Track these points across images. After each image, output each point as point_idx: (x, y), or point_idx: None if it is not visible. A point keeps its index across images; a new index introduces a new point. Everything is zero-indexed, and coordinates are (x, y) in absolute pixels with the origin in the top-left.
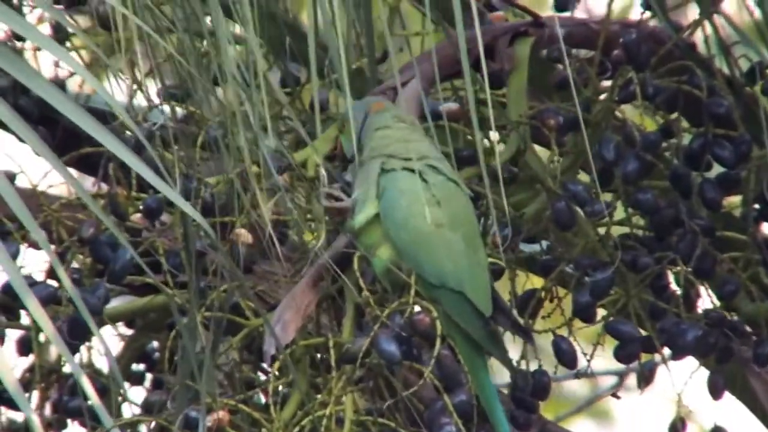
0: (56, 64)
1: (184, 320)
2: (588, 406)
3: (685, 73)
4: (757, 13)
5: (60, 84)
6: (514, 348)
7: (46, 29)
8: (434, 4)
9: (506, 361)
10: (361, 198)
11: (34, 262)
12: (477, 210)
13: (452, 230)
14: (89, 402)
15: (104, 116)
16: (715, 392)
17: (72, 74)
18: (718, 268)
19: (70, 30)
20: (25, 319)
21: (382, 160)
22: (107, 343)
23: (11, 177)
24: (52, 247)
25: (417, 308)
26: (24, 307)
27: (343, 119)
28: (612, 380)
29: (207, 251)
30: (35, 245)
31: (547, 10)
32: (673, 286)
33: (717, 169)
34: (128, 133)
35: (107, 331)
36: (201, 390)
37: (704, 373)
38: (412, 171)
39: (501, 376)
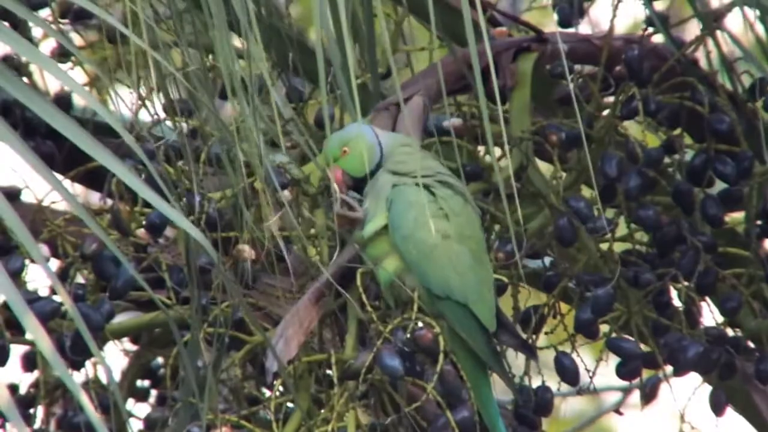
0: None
1: (185, 336)
2: (590, 423)
3: (688, 89)
4: (760, 29)
5: (66, 98)
6: (516, 364)
7: (52, 43)
8: (439, 20)
9: (507, 378)
10: (372, 210)
11: (41, 276)
12: (482, 225)
13: (459, 243)
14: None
15: (112, 130)
16: (718, 408)
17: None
18: (721, 284)
19: (75, 45)
20: (30, 335)
21: (396, 177)
22: (109, 359)
23: (16, 192)
24: (57, 262)
25: (420, 324)
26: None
27: (341, 142)
28: (615, 396)
29: (210, 267)
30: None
31: (551, 26)
32: (676, 303)
33: (719, 186)
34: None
35: (112, 347)
36: (202, 406)
37: (707, 390)
38: (422, 185)
39: (503, 392)
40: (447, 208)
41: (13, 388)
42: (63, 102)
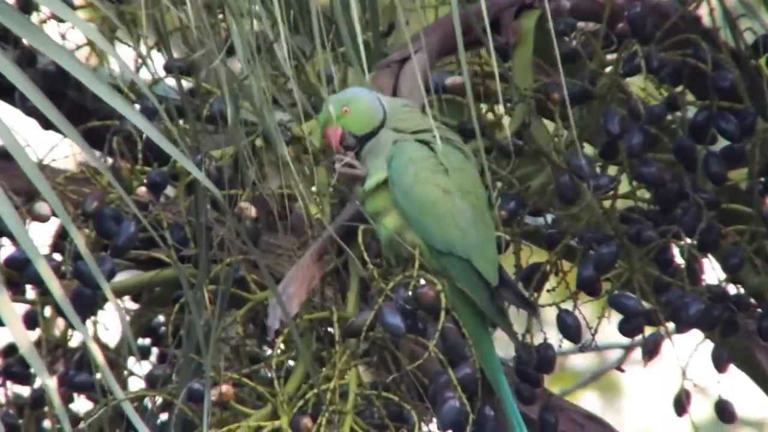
0: (62, 37)
1: (190, 293)
2: (593, 380)
3: (690, 46)
4: None
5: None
6: (518, 322)
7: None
8: None
9: (511, 333)
10: (373, 167)
11: (38, 237)
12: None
13: (460, 198)
14: (98, 375)
15: (114, 89)
16: (720, 365)
17: (78, 47)
18: (723, 241)
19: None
20: (30, 294)
21: (396, 133)
22: (116, 313)
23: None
24: (57, 220)
25: (421, 281)
26: (30, 281)
27: (341, 102)
28: (618, 354)
29: (212, 225)
30: (39, 219)
31: None
32: (678, 260)
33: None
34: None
35: (111, 306)
36: (205, 363)
37: (709, 346)
38: (422, 142)
39: (506, 350)
40: (447, 163)
41: (14, 348)
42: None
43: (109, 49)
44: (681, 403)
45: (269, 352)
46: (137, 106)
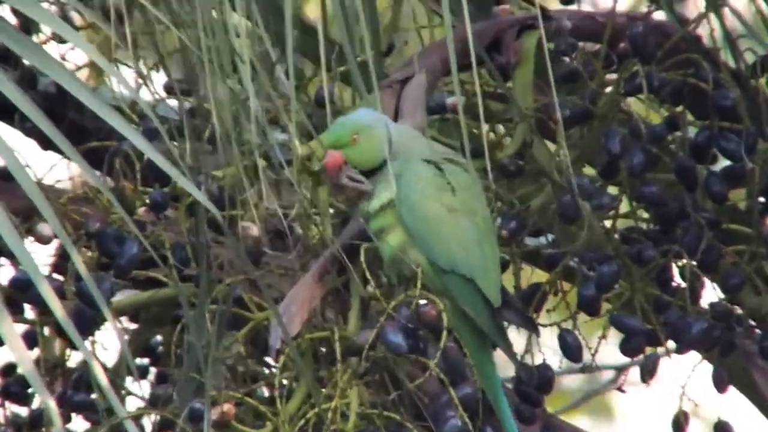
0: (62, 58)
1: (190, 313)
2: (586, 400)
3: (691, 65)
4: (764, 6)
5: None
6: (517, 342)
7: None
8: None
9: (511, 353)
10: (379, 187)
11: (39, 257)
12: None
13: (465, 218)
14: (98, 393)
15: (116, 109)
16: (720, 386)
17: (78, 68)
18: (723, 261)
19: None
20: (29, 314)
21: (403, 156)
22: (115, 332)
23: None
24: (57, 241)
25: (423, 301)
26: (32, 302)
27: (352, 129)
28: (610, 374)
29: (211, 245)
30: (41, 240)
31: (554, 4)
32: (678, 280)
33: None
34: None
35: (111, 325)
36: (206, 383)
37: (708, 367)
38: (429, 162)
39: (504, 369)
40: (454, 183)
41: (12, 367)
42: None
43: (109, 68)
44: (679, 425)
45: (268, 371)
46: (138, 127)
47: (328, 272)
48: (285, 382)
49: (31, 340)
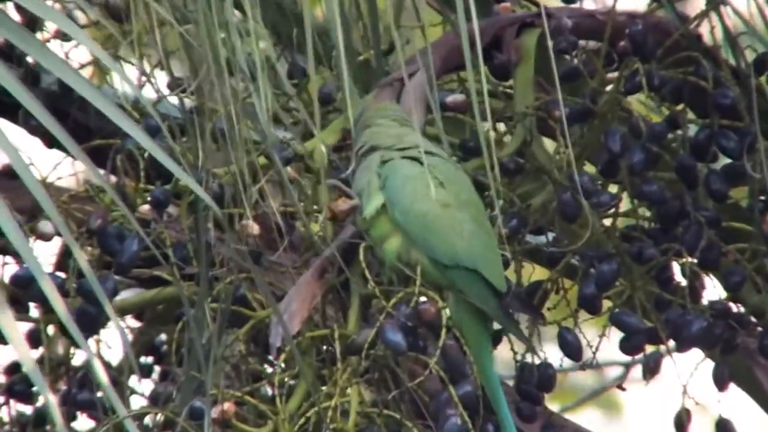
0: (66, 56)
1: (191, 312)
2: (593, 397)
3: (691, 64)
4: (763, 4)
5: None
6: (517, 342)
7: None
8: None
9: (523, 338)
10: (365, 191)
11: (42, 255)
12: (483, 201)
13: (459, 210)
14: (101, 393)
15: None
16: (720, 384)
17: (81, 66)
18: (724, 259)
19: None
20: (34, 312)
21: (381, 152)
22: (118, 332)
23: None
24: (60, 239)
25: (422, 299)
26: (34, 299)
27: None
28: (618, 371)
29: (214, 243)
30: (43, 237)
31: (555, 2)
32: (679, 278)
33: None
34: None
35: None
36: (206, 381)
37: (710, 365)
38: (411, 159)
39: (505, 368)
40: (441, 176)
41: (17, 366)
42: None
43: (112, 64)
44: (681, 423)
45: (271, 370)
46: (140, 125)
47: (329, 270)
48: (286, 380)
49: (35, 338)
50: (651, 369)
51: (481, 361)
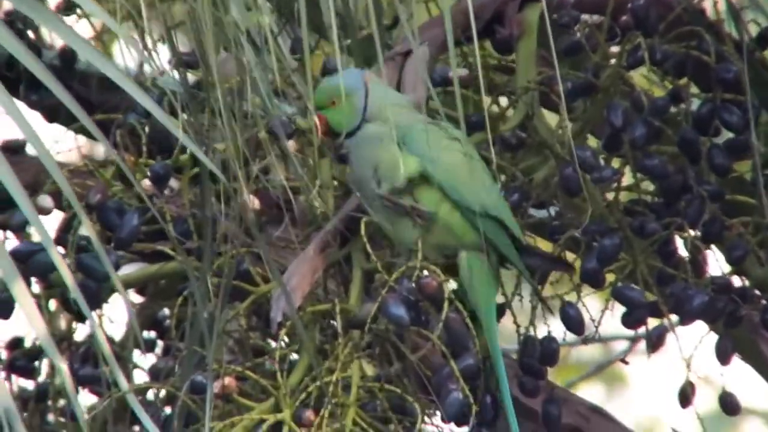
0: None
1: (190, 287)
2: (597, 372)
3: (694, 38)
4: None
5: (71, 52)
6: (522, 315)
7: None
8: None
9: (539, 296)
10: (384, 164)
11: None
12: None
13: (477, 162)
14: (103, 368)
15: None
16: (724, 357)
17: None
18: (727, 232)
19: None
20: (35, 288)
21: (385, 127)
22: (124, 304)
23: (21, 145)
24: (59, 214)
25: (425, 272)
26: (34, 273)
27: (330, 93)
28: (625, 344)
29: (216, 217)
30: (42, 212)
31: None
32: (682, 252)
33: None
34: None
35: (117, 299)
36: (208, 356)
37: (714, 338)
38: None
39: (509, 342)
40: (456, 134)
41: (19, 341)
42: (68, 55)
43: (119, 30)
44: (686, 395)
45: (272, 344)
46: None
47: (330, 245)
48: (287, 355)
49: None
50: (654, 343)
51: (490, 325)
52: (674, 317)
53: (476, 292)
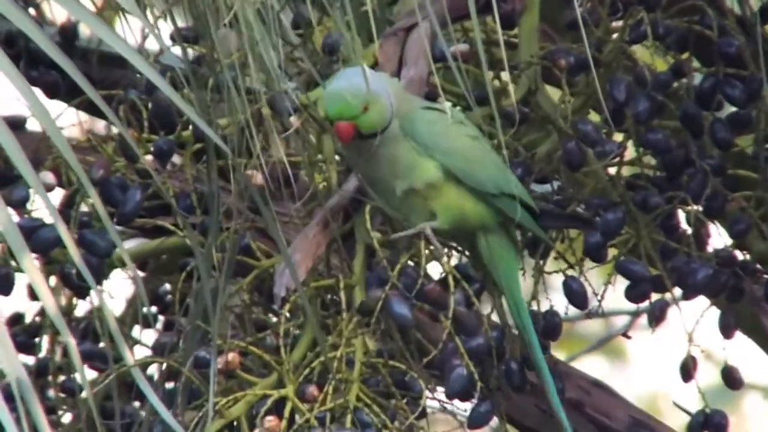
0: None
1: (192, 263)
2: (600, 345)
3: (696, 12)
4: None
5: (72, 28)
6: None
7: None
8: None
9: (564, 258)
10: (405, 167)
11: (41, 207)
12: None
13: (484, 142)
14: (103, 344)
15: (116, 61)
16: (726, 331)
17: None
18: (729, 207)
19: None
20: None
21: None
22: (120, 282)
23: (22, 121)
24: (63, 190)
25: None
26: (36, 250)
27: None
28: (626, 319)
29: (219, 192)
30: (46, 188)
31: None
32: (684, 226)
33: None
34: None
35: (116, 275)
36: (212, 331)
37: (716, 312)
38: (425, 108)
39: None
40: (458, 116)
41: (19, 317)
42: (69, 32)
43: (131, 6)
44: (687, 369)
45: (274, 320)
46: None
47: (333, 220)
48: (291, 330)
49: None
50: (656, 317)
51: (517, 298)
52: (676, 291)
53: (498, 269)
